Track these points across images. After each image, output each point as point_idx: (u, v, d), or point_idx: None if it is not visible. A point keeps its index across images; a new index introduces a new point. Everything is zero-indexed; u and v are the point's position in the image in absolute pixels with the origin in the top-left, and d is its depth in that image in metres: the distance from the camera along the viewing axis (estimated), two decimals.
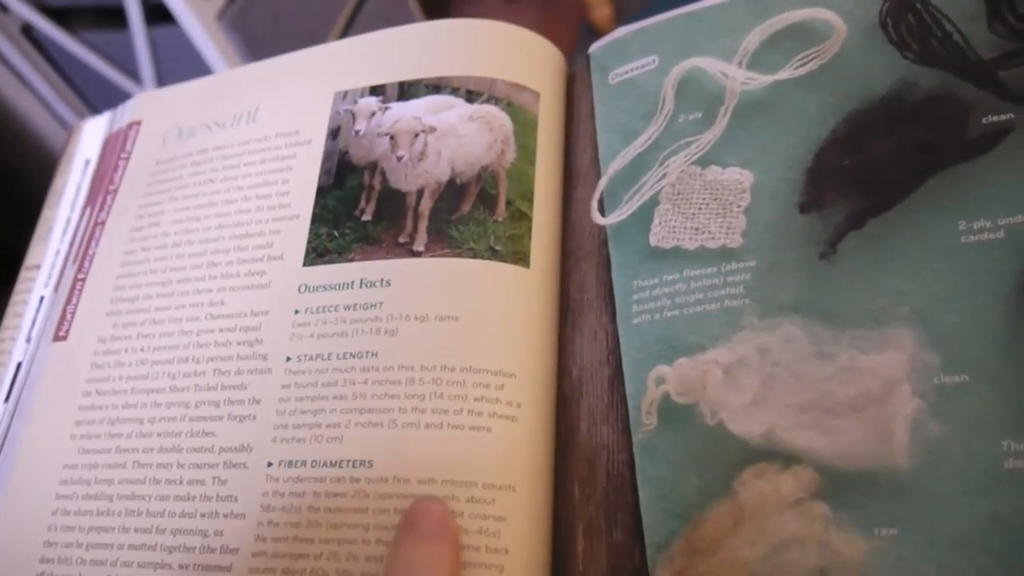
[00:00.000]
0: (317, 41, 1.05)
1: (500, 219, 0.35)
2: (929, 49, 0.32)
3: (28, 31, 1.06)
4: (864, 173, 0.31)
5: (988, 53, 0.31)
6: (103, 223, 0.42)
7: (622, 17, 1.38)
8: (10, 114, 1.13)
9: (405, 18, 1.24)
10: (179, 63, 1.00)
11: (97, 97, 1.15)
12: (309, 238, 0.36)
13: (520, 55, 0.39)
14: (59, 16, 1.02)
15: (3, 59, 1.08)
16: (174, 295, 0.38)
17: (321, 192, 0.38)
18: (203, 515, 0.32)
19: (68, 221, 0.45)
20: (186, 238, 0.39)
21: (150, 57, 1.00)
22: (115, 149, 0.45)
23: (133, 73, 1.04)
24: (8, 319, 0.43)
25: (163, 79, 1.04)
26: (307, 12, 1.04)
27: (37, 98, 1.13)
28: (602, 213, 0.35)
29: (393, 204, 0.35)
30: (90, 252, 0.42)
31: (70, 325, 0.40)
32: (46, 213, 0.46)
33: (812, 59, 0.34)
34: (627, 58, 0.38)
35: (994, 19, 0.31)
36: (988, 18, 0.31)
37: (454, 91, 0.38)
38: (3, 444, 0.38)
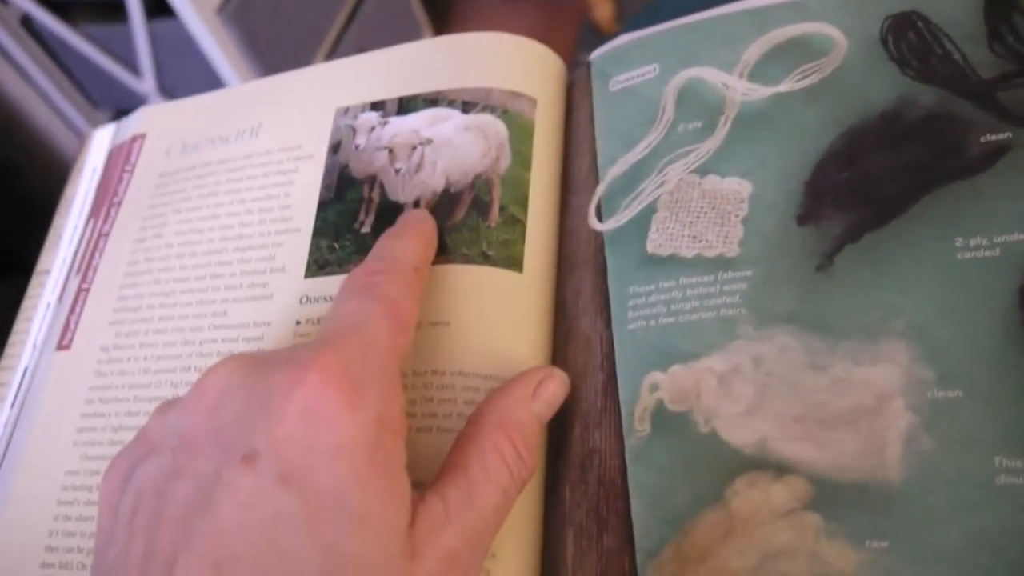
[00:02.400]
0: (317, 36, 1.06)
1: (493, 225, 0.35)
2: (929, 67, 0.32)
3: (27, 23, 1.06)
4: (862, 187, 0.31)
5: (988, 73, 0.31)
6: (107, 235, 0.43)
7: (623, 16, 1.38)
8: (9, 106, 1.12)
9: (405, 14, 1.24)
10: (179, 57, 1.00)
11: (96, 90, 1.14)
12: (310, 250, 0.37)
13: (516, 63, 0.39)
14: (59, 8, 1.02)
15: (2, 50, 1.08)
16: (177, 305, 0.38)
17: (322, 206, 0.38)
18: None
19: (75, 229, 0.45)
20: (189, 249, 0.39)
21: (150, 51, 1.00)
22: (119, 162, 0.46)
23: (133, 66, 1.04)
24: (19, 323, 0.44)
25: (163, 73, 1.04)
26: (307, 7, 1.04)
27: (36, 90, 1.13)
28: (599, 219, 0.36)
29: (391, 216, 0.35)
30: (93, 263, 0.42)
31: (73, 334, 0.40)
32: (57, 220, 0.47)
33: (812, 73, 0.34)
34: (627, 66, 0.38)
35: (995, 40, 0.31)
36: (989, 39, 0.31)
37: (451, 103, 0.38)
38: (7, 449, 0.38)
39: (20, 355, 0.42)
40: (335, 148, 0.39)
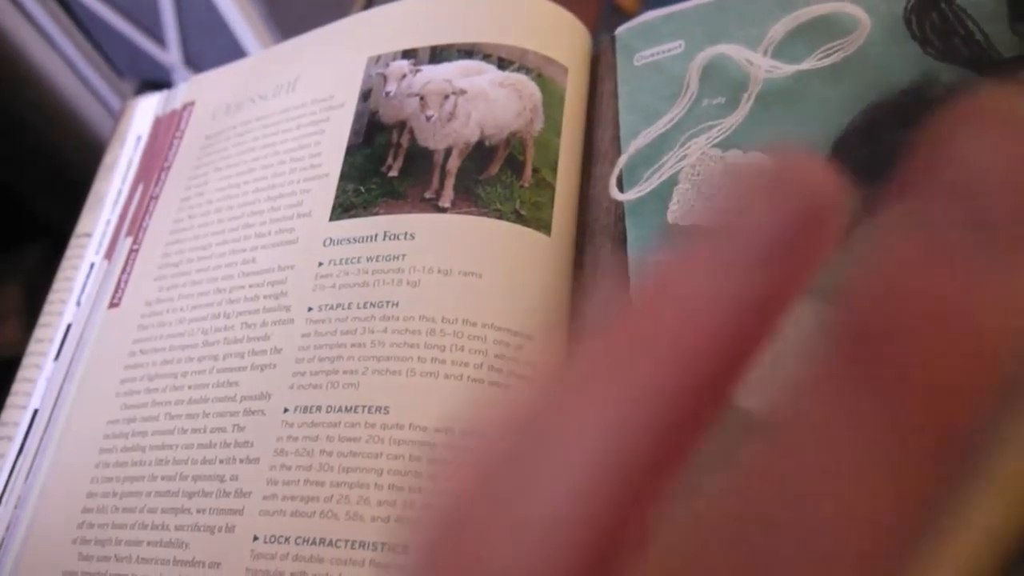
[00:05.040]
0: (342, 7, 1.06)
1: (526, 185, 0.36)
2: (951, 47, 0.32)
3: None
4: (881, 164, 0.32)
5: (1009, 53, 0.31)
6: (157, 197, 0.44)
7: None
8: (39, 77, 1.14)
9: None
10: (203, 28, 1.01)
11: (122, 61, 1.15)
12: (336, 194, 0.37)
13: (551, 29, 0.40)
14: None
15: (28, 17, 1.09)
16: (212, 257, 0.39)
17: (350, 151, 0.39)
18: (221, 461, 0.33)
19: (119, 193, 0.46)
20: (227, 203, 0.41)
21: (176, 21, 1.01)
22: (170, 129, 0.47)
23: (159, 37, 1.05)
24: (58, 283, 0.45)
25: (188, 44, 1.04)
26: None
27: (64, 61, 1.14)
28: (620, 190, 0.36)
29: (420, 162, 0.36)
30: (144, 225, 0.43)
31: (123, 293, 0.41)
32: (97, 185, 0.48)
33: (836, 51, 0.34)
34: (654, 41, 0.39)
35: (1016, 20, 0.32)
36: (1010, 19, 0.32)
37: (486, 57, 0.39)
38: (56, 402, 0.40)
39: (62, 312, 0.43)
40: (365, 95, 0.40)
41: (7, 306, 0.94)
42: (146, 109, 0.49)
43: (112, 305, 0.41)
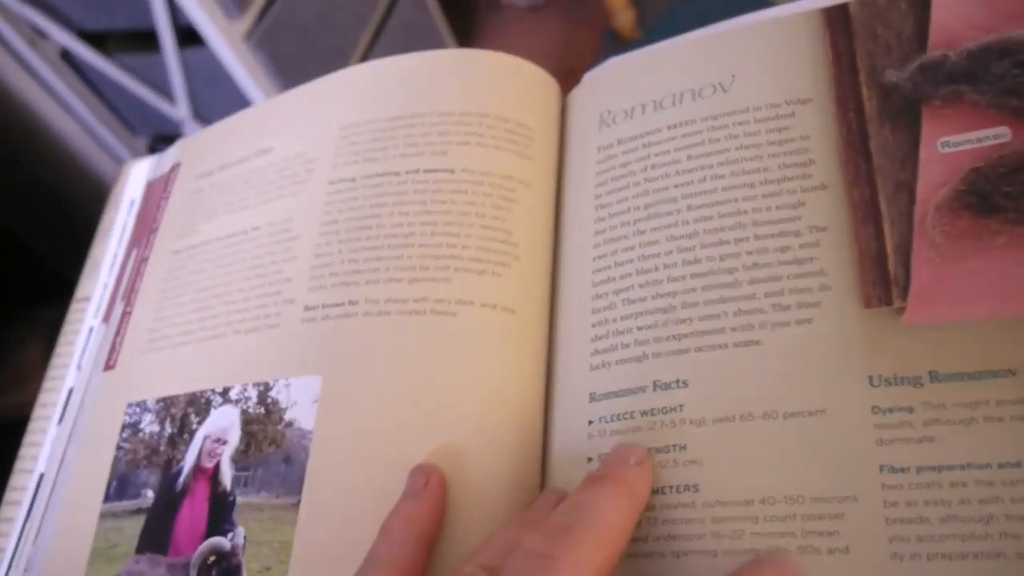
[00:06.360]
0: (343, 57, 1.08)
1: None
2: None
3: (66, 56, 1.10)
4: None
5: None
6: (147, 259, 0.45)
7: (644, 22, 1.39)
8: (52, 136, 1.17)
9: (429, 32, 1.26)
10: (210, 83, 1.04)
11: (134, 117, 1.19)
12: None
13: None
14: (95, 41, 1.05)
15: (43, 83, 1.12)
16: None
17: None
18: None
19: (115, 257, 0.48)
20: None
21: (183, 78, 1.04)
22: (158, 191, 0.48)
23: (167, 93, 1.08)
24: (60, 347, 0.46)
25: (196, 98, 1.07)
26: (333, 29, 1.07)
27: (76, 120, 1.17)
28: None
29: None
30: (136, 287, 0.44)
31: (118, 355, 0.42)
32: (94, 250, 0.49)
33: None
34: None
35: None
36: None
37: None
38: (60, 467, 0.41)
39: (64, 376, 0.44)
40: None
41: (31, 363, 0.96)
42: (139, 174, 0.51)
43: (108, 367, 0.42)
